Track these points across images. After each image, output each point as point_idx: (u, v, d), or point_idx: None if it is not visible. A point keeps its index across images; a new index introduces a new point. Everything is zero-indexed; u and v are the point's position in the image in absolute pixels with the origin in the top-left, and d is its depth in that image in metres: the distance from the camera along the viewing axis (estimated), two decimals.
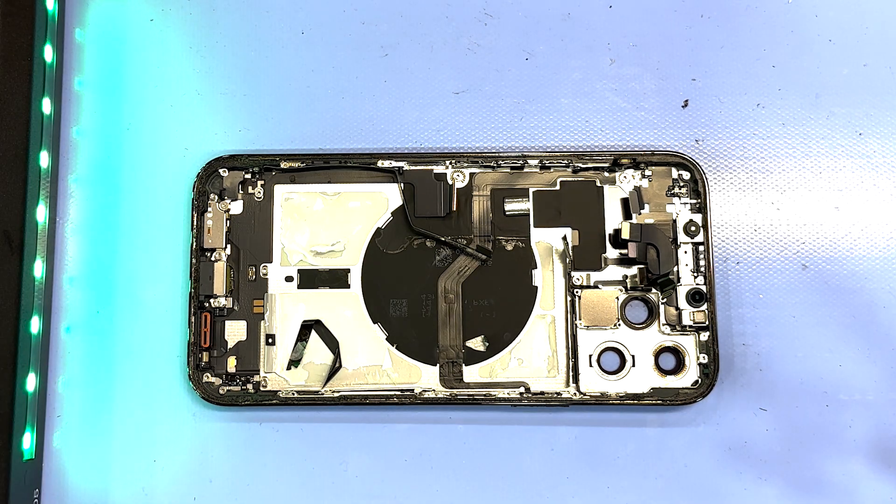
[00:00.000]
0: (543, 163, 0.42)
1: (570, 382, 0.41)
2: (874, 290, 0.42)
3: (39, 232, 0.41)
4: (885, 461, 0.41)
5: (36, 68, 0.41)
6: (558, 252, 0.42)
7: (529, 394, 0.41)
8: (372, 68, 0.44)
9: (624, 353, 0.41)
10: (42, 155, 0.42)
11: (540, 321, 0.41)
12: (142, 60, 0.45)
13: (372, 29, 0.45)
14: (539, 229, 0.42)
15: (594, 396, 0.40)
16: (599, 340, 0.41)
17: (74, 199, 0.44)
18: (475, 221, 0.42)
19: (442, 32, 0.45)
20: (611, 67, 0.44)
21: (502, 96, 0.44)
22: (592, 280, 0.42)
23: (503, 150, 0.43)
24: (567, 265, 0.41)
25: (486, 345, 0.41)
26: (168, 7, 0.45)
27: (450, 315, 0.41)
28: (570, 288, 0.41)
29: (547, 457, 0.41)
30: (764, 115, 0.44)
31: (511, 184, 0.42)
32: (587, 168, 0.42)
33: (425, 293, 0.42)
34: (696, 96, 0.44)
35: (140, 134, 0.44)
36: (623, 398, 0.40)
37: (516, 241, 0.42)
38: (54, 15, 0.43)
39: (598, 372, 0.41)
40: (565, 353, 0.41)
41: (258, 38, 0.45)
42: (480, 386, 0.41)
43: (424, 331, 0.41)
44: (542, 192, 0.42)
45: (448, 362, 0.41)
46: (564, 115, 0.44)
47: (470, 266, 0.42)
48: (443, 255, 0.42)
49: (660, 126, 0.44)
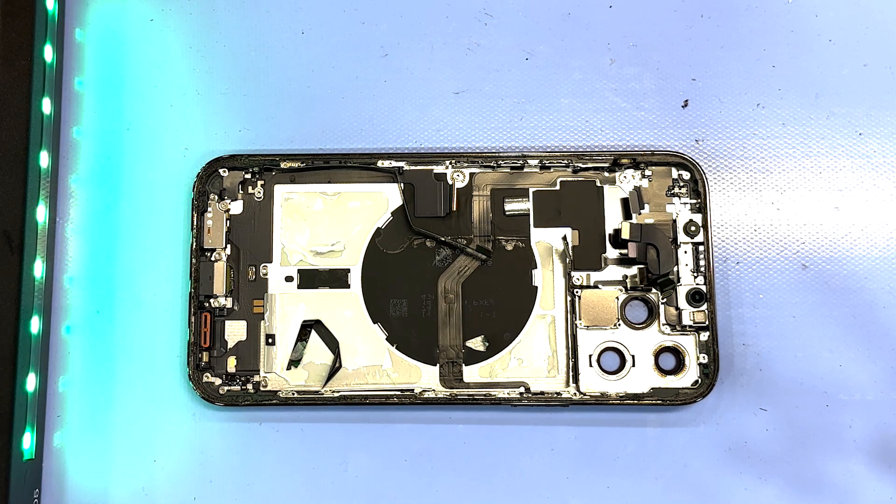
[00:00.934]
0: (543, 163, 0.42)
1: (570, 382, 0.41)
2: (874, 290, 0.42)
3: (39, 232, 0.41)
4: (885, 461, 0.41)
5: (36, 68, 0.41)
6: (558, 252, 0.42)
7: (529, 394, 0.41)
8: (372, 68, 0.44)
9: (624, 353, 0.41)
10: (42, 155, 0.42)
11: (540, 321, 0.41)
12: (142, 60, 0.45)
13: (372, 29, 0.45)
14: (539, 229, 0.42)
15: (594, 396, 0.40)
16: (599, 340, 0.41)
17: (74, 199, 0.44)
18: (475, 221, 0.42)
19: (442, 32, 0.45)
20: (611, 67, 0.44)
21: (502, 96, 0.44)
22: (592, 280, 0.42)
23: (503, 150, 0.43)
24: (567, 265, 0.41)
25: (486, 345, 0.41)
26: (168, 7, 0.45)
27: (450, 315, 0.41)
28: (570, 288, 0.41)
29: (547, 457, 0.41)
30: (764, 115, 0.44)
31: (511, 184, 0.42)
32: (587, 168, 0.42)
33: (425, 293, 0.42)
34: (696, 96, 0.44)
35: (140, 134, 0.44)
36: (623, 398, 0.40)
37: (516, 241, 0.42)
38: (54, 15, 0.43)
39: (598, 372, 0.41)
40: (565, 353, 0.41)
41: (258, 38, 0.45)
42: (480, 386, 0.41)
43: (424, 331, 0.41)
44: (542, 192, 0.42)
45: (448, 362, 0.41)
46: (564, 115, 0.44)
47: (470, 266, 0.42)
48: (443, 255, 0.42)
49: (660, 126, 0.44)
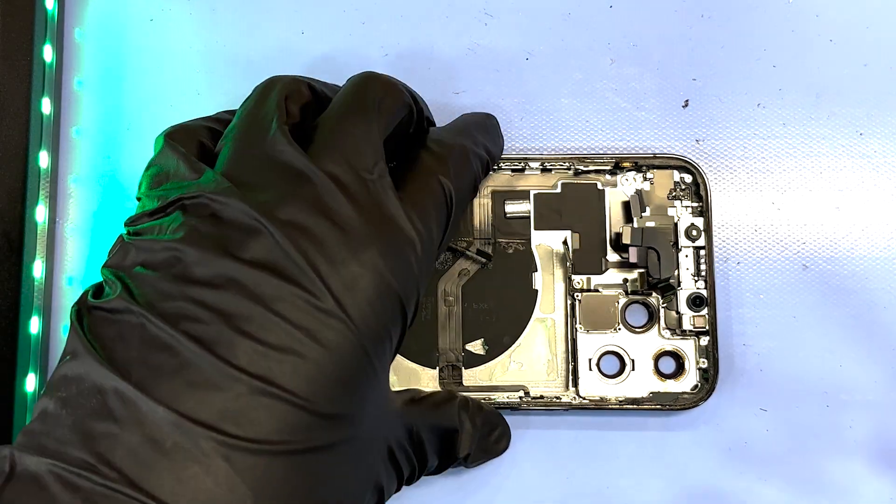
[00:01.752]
0: (545, 165, 0.42)
1: (570, 386, 0.41)
2: (875, 290, 0.42)
3: (39, 232, 0.41)
4: (886, 461, 0.41)
5: (35, 68, 0.41)
6: (559, 255, 0.42)
7: (529, 397, 0.40)
8: (372, 68, 0.44)
9: (624, 357, 0.41)
10: (41, 155, 0.42)
11: (540, 325, 0.41)
12: (142, 60, 0.45)
13: (372, 29, 0.45)
14: (540, 232, 0.42)
15: (594, 401, 0.40)
16: (599, 344, 0.41)
17: (74, 199, 0.43)
18: (476, 224, 0.42)
19: (442, 32, 0.45)
20: (611, 67, 0.44)
21: (502, 96, 0.44)
22: (593, 284, 0.41)
23: (504, 152, 0.43)
24: (567, 268, 0.41)
25: (485, 348, 0.41)
26: (168, 7, 0.45)
27: (449, 318, 0.41)
28: (571, 291, 0.41)
29: (546, 459, 0.41)
30: (764, 115, 0.44)
31: (512, 185, 0.42)
32: (588, 171, 0.42)
33: (425, 296, 0.41)
34: (696, 96, 0.44)
35: (140, 134, 0.44)
36: (622, 402, 0.40)
37: (517, 244, 0.42)
38: (54, 14, 0.43)
39: (597, 376, 0.41)
40: (565, 356, 0.41)
41: (258, 38, 0.45)
42: (480, 389, 0.41)
43: (424, 334, 0.41)
44: (543, 194, 0.42)
45: (448, 365, 0.41)
46: (564, 115, 0.44)
47: (470, 269, 0.42)
48: (443, 258, 0.42)
49: (660, 126, 0.44)
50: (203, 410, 0.27)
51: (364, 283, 0.30)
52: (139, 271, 0.30)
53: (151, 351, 0.28)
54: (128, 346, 0.28)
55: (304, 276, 0.29)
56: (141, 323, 0.28)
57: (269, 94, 0.33)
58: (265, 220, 0.29)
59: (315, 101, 0.34)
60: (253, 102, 0.34)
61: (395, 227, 0.31)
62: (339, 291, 0.29)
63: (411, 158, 0.35)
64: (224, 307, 0.28)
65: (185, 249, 0.29)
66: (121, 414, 0.27)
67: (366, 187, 0.31)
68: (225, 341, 0.28)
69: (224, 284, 0.29)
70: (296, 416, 0.28)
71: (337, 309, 0.29)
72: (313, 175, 0.30)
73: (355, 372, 0.29)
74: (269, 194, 0.30)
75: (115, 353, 0.28)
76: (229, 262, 0.29)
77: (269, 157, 0.31)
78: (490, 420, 0.39)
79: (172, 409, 0.27)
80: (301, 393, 0.28)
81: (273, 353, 0.28)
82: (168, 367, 0.28)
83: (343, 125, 0.32)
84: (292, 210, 0.30)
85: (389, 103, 0.34)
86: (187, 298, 0.28)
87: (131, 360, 0.28)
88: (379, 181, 0.31)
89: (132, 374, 0.28)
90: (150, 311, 0.28)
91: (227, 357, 0.28)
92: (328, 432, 0.29)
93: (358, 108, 0.33)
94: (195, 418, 0.27)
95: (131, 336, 0.28)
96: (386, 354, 0.31)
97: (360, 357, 0.29)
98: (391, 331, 0.31)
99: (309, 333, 0.28)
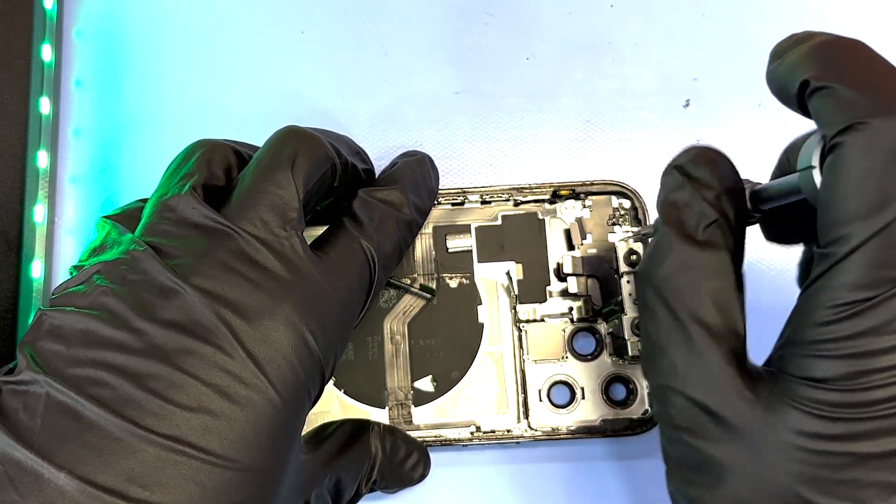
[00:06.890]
0: (484, 197, 0.41)
1: (522, 418, 0.40)
2: None
3: (37, 232, 0.41)
4: None
5: (34, 67, 0.41)
6: (503, 287, 0.41)
7: (480, 432, 0.40)
8: (372, 68, 0.44)
9: (573, 386, 0.40)
10: (40, 155, 0.41)
11: (488, 358, 0.40)
12: (141, 60, 0.44)
13: (372, 29, 0.45)
14: (483, 264, 0.41)
15: (545, 432, 0.39)
16: (548, 374, 0.40)
17: (73, 200, 0.43)
18: (418, 260, 0.41)
19: (442, 32, 0.45)
20: (612, 67, 0.44)
21: (502, 96, 0.44)
22: (538, 314, 0.41)
23: (442, 188, 0.42)
24: (512, 299, 0.41)
25: (434, 384, 0.40)
26: (167, 6, 0.45)
27: (396, 356, 0.40)
28: (517, 322, 0.41)
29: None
30: (766, 114, 0.43)
31: (452, 220, 0.42)
32: (527, 201, 0.42)
33: (371, 335, 0.40)
34: (697, 96, 0.44)
35: (139, 134, 0.44)
36: (574, 432, 0.39)
37: (460, 278, 0.41)
38: (52, 14, 0.43)
39: (548, 406, 0.40)
40: (515, 388, 0.40)
41: (258, 38, 0.45)
42: (431, 427, 0.40)
43: (372, 374, 0.40)
44: (484, 227, 0.41)
45: (397, 404, 0.40)
46: (565, 115, 0.44)
47: (415, 305, 0.41)
48: (387, 297, 0.41)
49: (661, 126, 0.43)
50: (107, 474, 0.26)
51: (277, 338, 0.29)
52: (47, 343, 0.29)
53: (55, 417, 0.27)
54: (32, 414, 0.28)
55: (216, 334, 0.29)
56: (46, 391, 0.28)
57: (189, 159, 0.33)
58: (180, 280, 0.29)
59: (239, 163, 0.34)
60: (173, 167, 0.34)
61: (311, 283, 0.31)
62: (253, 347, 0.29)
63: (336, 222, 0.35)
64: (132, 368, 0.28)
65: (98, 314, 0.29)
66: (20, 482, 0.27)
67: (279, 244, 0.31)
68: (132, 402, 0.27)
69: (134, 346, 0.28)
70: (208, 474, 0.27)
71: (250, 364, 0.29)
72: (226, 234, 0.30)
73: (270, 426, 0.29)
74: (183, 255, 0.30)
75: (20, 422, 0.28)
76: (140, 323, 0.29)
77: (182, 219, 0.31)
78: (403, 446, 0.38)
79: (74, 475, 0.26)
80: (213, 450, 0.28)
81: (181, 412, 0.27)
82: (71, 431, 0.27)
83: (258, 183, 0.32)
84: (205, 269, 0.30)
85: (304, 160, 0.33)
86: (94, 363, 0.28)
87: (34, 427, 0.27)
88: (291, 238, 0.31)
89: (34, 442, 0.27)
90: (55, 378, 0.28)
91: (134, 418, 0.27)
92: (244, 489, 0.28)
93: (273, 164, 0.32)
94: (97, 483, 0.26)
95: (35, 405, 0.28)
96: (303, 408, 0.31)
97: (274, 412, 0.29)
98: (309, 385, 0.31)
99: (219, 390, 0.28)
